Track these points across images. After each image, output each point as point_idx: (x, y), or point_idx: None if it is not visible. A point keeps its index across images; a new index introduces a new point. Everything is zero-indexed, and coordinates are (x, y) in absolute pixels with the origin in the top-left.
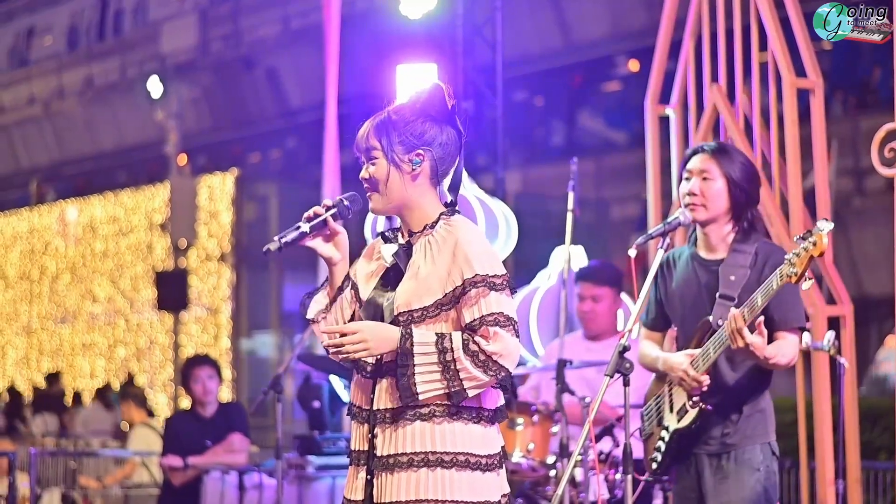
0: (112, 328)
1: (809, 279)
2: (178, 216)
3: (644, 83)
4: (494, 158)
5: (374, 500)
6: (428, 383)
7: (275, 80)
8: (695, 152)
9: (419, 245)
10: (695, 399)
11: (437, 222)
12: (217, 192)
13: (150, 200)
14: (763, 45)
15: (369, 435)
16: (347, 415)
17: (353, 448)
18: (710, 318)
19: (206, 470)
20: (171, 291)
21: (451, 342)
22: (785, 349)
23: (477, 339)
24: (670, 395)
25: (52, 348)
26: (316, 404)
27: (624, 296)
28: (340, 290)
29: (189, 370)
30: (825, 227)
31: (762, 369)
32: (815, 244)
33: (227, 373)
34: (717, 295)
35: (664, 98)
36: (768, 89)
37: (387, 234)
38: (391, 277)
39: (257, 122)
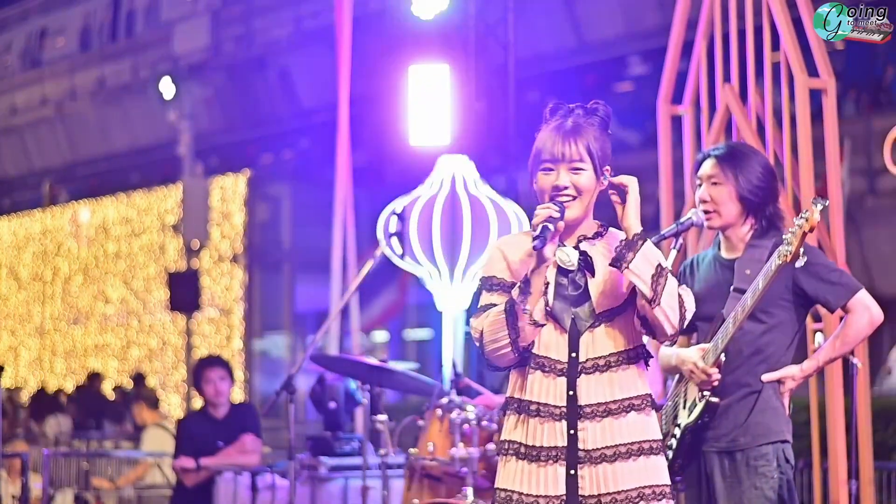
0: (125, 329)
1: (804, 256)
2: (190, 217)
3: (656, 83)
4: (507, 159)
5: (586, 493)
6: (640, 268)
7: (287, 81)
8: (705, 157)
9: (595, 248)
10: (704, 392)
11: (604, 230)
12: (229, 192)
13: (162, 201)
14: (775, 46)
15: (571, 431)
16: (510, 410)
17: (539, 444)
18: (724, 311)
19: (219, 471)
20: (184, 292)
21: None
22: (852, 328)
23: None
24: (685, 392)
25: (65, 349)
26: (332, 405)
27: None
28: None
29: (201, 371)
30: (819, 203)
31: (775, 366)
32: (807, 220)
33: (239, 374)
34: (731, 288)
35: (676, 98)
36: (780, 89)
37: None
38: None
39: (270, 122)
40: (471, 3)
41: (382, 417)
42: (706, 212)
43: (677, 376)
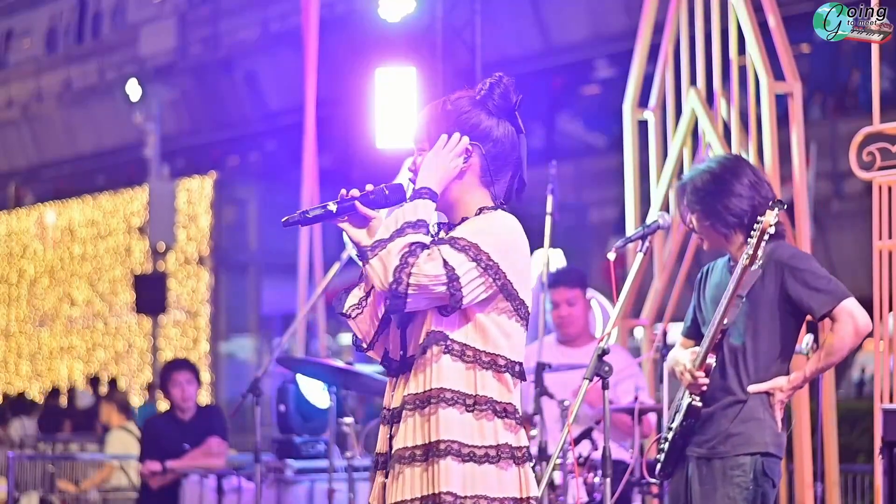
0: (90, 331)
1: (761, 259)
2: (156, 219)
3: (623, 86)
4: None
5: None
6: (384, 223)
7: (254, 83)
8: (680, 189)
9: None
10: (692, 395)
11: (477, 216)
12: (196, 195)
13: (128, 204)
14: (741, 49)
15: (389, 436)
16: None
17: (377, 452)
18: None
19: (185, 473)
20: (150, 295)
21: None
22: (836, 338)
23: (422, 255)
24: (683, 396)
25: (31, 351)
26: (282, 408)
27: (602, 297)
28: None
29: (168, 374)
30: (776, 206)
31: (763, 375)
32: (761, 222)
33: (205, 376)
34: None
35: (643, 101)
36: (747, 93)
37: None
38: None
39: (236, 125)
40: (438, 5)
41: (349, 420)
42: (700, 240)
43: None
